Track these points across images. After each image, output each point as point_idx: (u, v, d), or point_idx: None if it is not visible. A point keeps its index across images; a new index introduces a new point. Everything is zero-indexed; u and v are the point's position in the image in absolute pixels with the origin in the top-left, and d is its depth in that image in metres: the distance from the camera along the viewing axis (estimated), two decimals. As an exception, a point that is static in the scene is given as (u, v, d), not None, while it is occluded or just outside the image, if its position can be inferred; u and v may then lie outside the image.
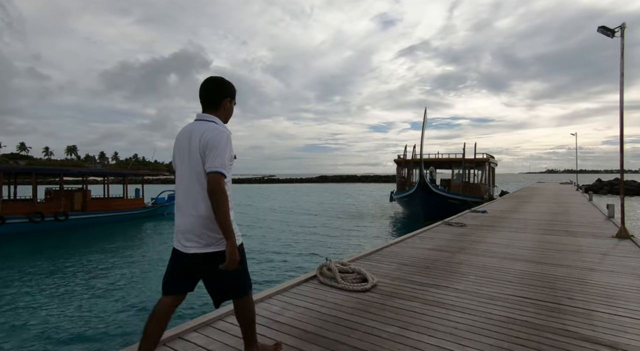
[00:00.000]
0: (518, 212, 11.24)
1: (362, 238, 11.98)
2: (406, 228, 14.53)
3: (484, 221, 9.01)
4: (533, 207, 13.01)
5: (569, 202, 14.93)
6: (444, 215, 12.01)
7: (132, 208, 20.18)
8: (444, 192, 15.78)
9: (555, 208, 12.49)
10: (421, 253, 5.48)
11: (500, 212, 11.01)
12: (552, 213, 10.63)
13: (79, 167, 48.63)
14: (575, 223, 8.55)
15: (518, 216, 10.07)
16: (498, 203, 14.78)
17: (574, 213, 10.86)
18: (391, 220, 17.56)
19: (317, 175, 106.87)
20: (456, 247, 5.91)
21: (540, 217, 9.90)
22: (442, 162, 20.40)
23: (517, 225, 8.27)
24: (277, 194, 41.54)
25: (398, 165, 21.68)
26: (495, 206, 13.34)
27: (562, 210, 11.59)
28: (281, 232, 13.89)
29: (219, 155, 1.87)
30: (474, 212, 10.96)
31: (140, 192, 21.66)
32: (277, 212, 22.03)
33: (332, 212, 21.53)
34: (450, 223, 8.41)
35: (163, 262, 9.11)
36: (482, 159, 19.49)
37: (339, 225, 15.40)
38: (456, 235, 7.00)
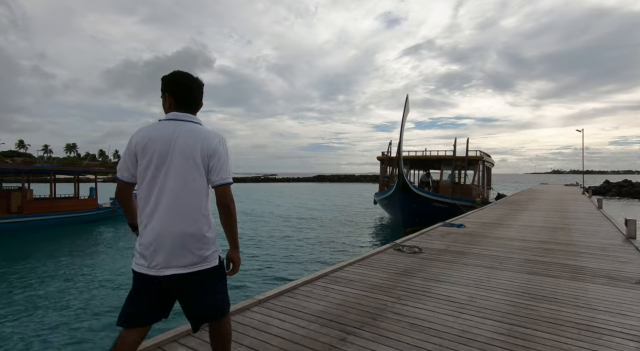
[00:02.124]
0: (505, 225, 8.65)
1: (307, 263, 9.17)
2: (385, 239, 11.99)
3: (452, 243, 6.46)
4: (527, 217, 10.41)
5: (573, 211, 12.30)
6: (428, 222, 9.81)
7: (82, 210, 17.91)
8: (428, 194, 13.32)
9: (555, 220, 9.87)
10: (300, 321, 2.92)
11: (481, 226, 8.44)
12: (550, 230, 8.04)
13: (72, 165, 46.32)
14: (580, 249, 5.97)
15: (503, 234, 7.49)
16: (486, 211, 12.19)
17: (579, 229, 8.25)
18: (369, 229, 14.99)
19: (315, 175, 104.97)
20: (377, 306, 3.36)
21: (533, 235, 7.31)
22: (431, 160, 17.98)
23: (495, 252, 5.71)
24: (261, 195, 39.10)
25: (382, 163, 19.21)
26: (481, 215, 10.76)
27: (563, 224, 8.98)
28: (225, 248, 11.27)
29: (228, 165, 1.76)
30: (448, 225, 8.40)
31: (94, 192, 19.38)
32: (249, 215, 19.57)
33: (306, 218, 19.00)
34: (401, 246, 5.87)
35: (95, 278, 7.72)
36: (474, 157, 17.06)
37: (300, 237, 12.77)
38: (396, 272, 4.46)
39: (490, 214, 11.10)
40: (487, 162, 19.35)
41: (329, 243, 11.58)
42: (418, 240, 6.62)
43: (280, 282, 6.98)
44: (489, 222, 9.33)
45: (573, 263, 4.99)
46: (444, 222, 8.74)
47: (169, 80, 1.84)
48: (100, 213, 18.84)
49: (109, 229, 15.78)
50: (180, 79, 1.85)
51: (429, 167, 19.65)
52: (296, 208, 24.18)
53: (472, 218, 9.97)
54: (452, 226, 8.31)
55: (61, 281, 7.42)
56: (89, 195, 19.44)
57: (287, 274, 7.86)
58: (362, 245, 11.08)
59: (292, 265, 8.66)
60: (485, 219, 9.85)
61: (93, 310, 5.79)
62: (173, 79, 1.85)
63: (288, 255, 9.78)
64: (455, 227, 8.23)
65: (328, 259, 9.27)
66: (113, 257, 9.95)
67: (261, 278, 7.54)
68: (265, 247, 10.91)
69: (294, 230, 14.20)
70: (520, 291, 3.75)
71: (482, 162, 18.01)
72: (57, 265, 8.85)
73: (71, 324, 5.32)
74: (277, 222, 16.75)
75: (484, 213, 11.29)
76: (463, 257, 5.33)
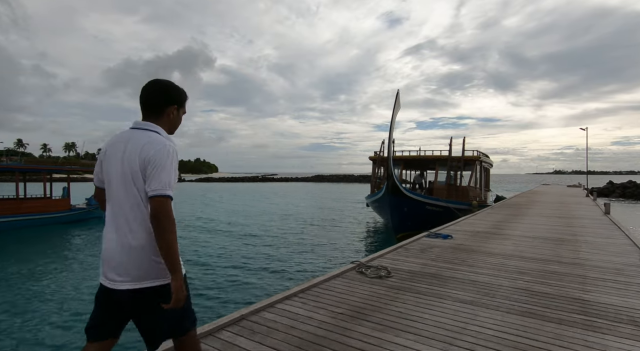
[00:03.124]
0: (500, 236, 7.45)
1: (240, 292, 7.18)
2: (367, 249, 10.80)
3: (432, 262, 5.27)
4: (527, 225, 9.20)
5: (578, 216, 11.08)
6: (421, 227, 9.01)
7: (52, 211, 16.81)
8: (421, 197, 12.26)
9: (559, 228, 8.66)
10: None
11: (472, 237, 7.24)
12: (553, 243, 6.83)
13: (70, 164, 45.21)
14: (590, 272, 4.76)
15: (496, 248, 6.29)
16: (481, 216, 10.98)
17: (587, 241, 7.05)
18: (352, 237, 13.79)
19: (314, 175, 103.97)
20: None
21: (532, 250, 6.11)
22: (426, 160, 16.82)
23: (484, 276, 4.51)
24: (249, 195, 37.91)
25: (374, 163, 18.08)
26: (474, 222, 9.56)
27: (568, 235, 7.77)
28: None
29: (165, 175, 1.59)
30: (432, 236, 7.21)
31: (67, 192, 18.27)
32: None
33: (283, 226, 17.83)
34: (365, 268, 4.69)
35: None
36: (471, 157, 15.88)
37: (271, 254, 11.35)
38: (345, 311, 3.25)
39: (485, 221, 9.90)
40: (485, 162, 18.22)
41: (287, 260, 9.45)
42: (390, 258, 5.43)
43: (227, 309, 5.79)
44: (482, 230, 8.13)
45: (583, 295, 3.79)
46: (429, 232, 7.53)
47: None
48: (74, 215, 17.74)
49: (82, 232, 14.69)
50: (144, 86, 1.79)
51: (424, 167, 18.68)
52: (275, 211, 22.97)
53: (463, 226, 8.77)
54: (437, 236, 7.11)
55: (18, 288, 6.79)
56: (62, 195, 18.36)
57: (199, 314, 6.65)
58: (330, 261, 9.82)
59: (210, 300, 6.56)
60: (479, 227, 8.65)
61: (57, 320, 5.37)
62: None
63: (223, 279, 7.72)
64: (440, 238, 7.03)
65: (274, 285, 7.35)
66: (81, 262, 9.19)
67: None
68: (199, 264, 9.09)
69: (248, 242, 12.15)
70: (511, 347, 2.56)
71: (480, 163, 16.87)
72: (17, 269, 7.96)
73: (35, 334, 5.01)
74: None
75: (477, 220, 10.09)
76: (441, 285, 4.13)
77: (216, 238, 12.91)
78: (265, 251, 10.63)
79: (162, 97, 1.76)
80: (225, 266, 8.80)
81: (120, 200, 1.65)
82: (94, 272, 8.28)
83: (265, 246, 11.38)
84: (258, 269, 8.55)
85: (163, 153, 1.61)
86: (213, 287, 7.19)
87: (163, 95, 1.76)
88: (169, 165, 1.61)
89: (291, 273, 8.22)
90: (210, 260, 9.54)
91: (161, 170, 1.59)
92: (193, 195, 37.13)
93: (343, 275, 4.53)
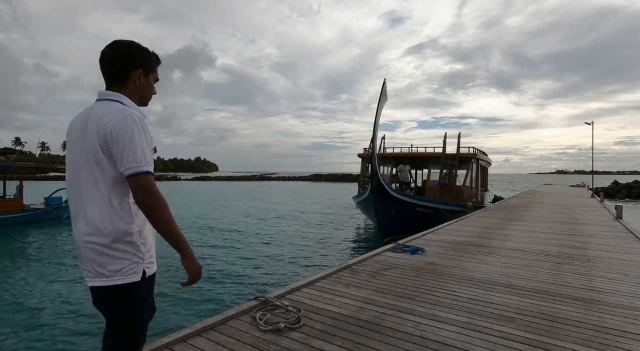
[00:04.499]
0: (485, 251, 5.78)
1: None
2: (342, 256, 9.17)
3: (379, 294, 3.60)
4: (523, 233, 7.53)
5: (585, 222, 9.40)
6: (411, 230, 8.16)
7: (2, 212, 15.28)
8: (409, 198, 10.96)
9: (561, 238, 6.98)
10: None
11: (449, 252, 5.58)
12: (554, 261, 5.16)
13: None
14: (610, 316, 3.09)
15: (475, 272, 4.63)
16: (469, 221, 9.31)
17: (601, 259, 5.37)
18: (339, 246, 12.14)
19: (312, 174, 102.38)
20: None
21: (527, 273, 4.45)
22: (419, 158, 15.46)
23: (447, 330, 2.84)
24: (233, 194, 36.29)
25: (363, 160, 16.61)
26: (459, 229, 7.91)
27: (573, 248, 6.10)
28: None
29: (135, 148, 1.35)
30: (399, 249, 5.56)
31: (20, 191, 16.69)
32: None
33: (259, 230, 16.21)
34: (274, 306, 3.06)
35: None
36: (467, 155, 14.54)
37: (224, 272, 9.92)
38: None
39: (473, 226, 8.24)
40: (482, 160, 16.78)
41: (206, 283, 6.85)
42: (320, 288, 3.77)
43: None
44: (466, 241, 6.47)
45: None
46: (396, 244, 5.88)
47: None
48: (27, 216, 16.17)
49: (36, 234, 13.10)
50: (103, 50, 1.53)
51: (417, 165, 17.43)
52: (248, 213, 21.33)
53: (444, 234, 7.12)
54: (404, 251, 5.46)
55: None
56: (15, 194, 16.79)
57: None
58: (273, 282, 8.18)
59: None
60: (463, 235, 6.99)
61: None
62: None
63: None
64: (408, 252, 5.38)
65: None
66: (20, 268, 8.20)
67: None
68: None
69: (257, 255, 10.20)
70: None
71: (476, 161, 15.44)
72: None
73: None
74: (253, 234, 13.89)
75: (464, 225, 8.43)
76: (371, 348, 2.49)
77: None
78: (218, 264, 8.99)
79: (124, 60, 1.50)
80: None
81: (79, 186, 1.43)
82: (36, 280, 7.26)
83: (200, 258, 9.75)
84: (174, 297, 6.23)
85: (125, 124, 1.35)
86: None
87: (125, 58, 1.50)
88: (137, 137, 1.35)
89: (197, 304, 6.26)
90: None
91: (129, 144, 1.34)
92: (169, 195, 35.56)
93: (239, 317, 2.91)
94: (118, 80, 1.51)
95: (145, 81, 1.57)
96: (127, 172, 1.34)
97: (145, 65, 1.56)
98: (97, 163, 1.38)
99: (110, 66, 1.51)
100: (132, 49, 1.52)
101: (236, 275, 7.70)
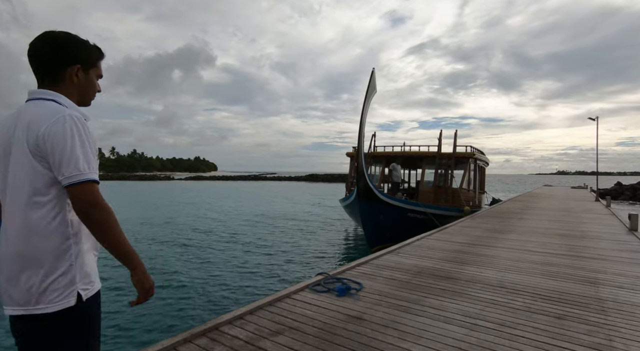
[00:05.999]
0: (451, 290, 4.00)
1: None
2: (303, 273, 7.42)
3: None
4: (509, 253, 5.75)
5: (591, 233, 7.61)
6: (402, 238, 7.05)
7: None
8: (401, 202, 9.87)
9: (562, 262, 5.20)
10: None
11: (391, 292, 3.79)
12: (551, 310, 3.37)
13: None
14: None
15: (423, 335, 2.85)
16: (448, 233, 7.52)
17: (618, 303, 3.58)
18: (308, 256, 10.38)
19: (308, 174, 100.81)
20: None
21: (507, 347, 2.68)
22: (413, 157, 13.97)
23: None
24: (215, 195, 34.54)
25: (351, 159, 15.05)
26: (429, 246, 6.13)
27: (580, 282, 4.32)
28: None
29: (75, 153, 1.17)
30: (323, 287, 3.79)
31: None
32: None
33: (232, 237, 14.48)
34: None
35: None
36: (464, 154, 13.09)
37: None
38: None
39: (449, 242, 6.46)
40: (480, 160, 15.23)
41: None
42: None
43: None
44: (432, 267, 4.70)
45: None
46: (324, 275, 4.10)
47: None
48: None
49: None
50: (31, 41, 1.31)
51: (409, 165, 16.21)
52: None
53: (405, 256, 5.34)
54: (329, 290, 3.69)
55: None
56: None
57: None
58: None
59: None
60: (432, 256, 5.23)
61: None
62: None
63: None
64: (335, 294, 3.60)
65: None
66: None
67: None
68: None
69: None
70: None
71: (474, 161, 13.93)
72: None
73: None
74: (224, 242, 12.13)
75: (440, 240, 6.65)
76: None
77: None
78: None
79: (58, 53, 1.30)
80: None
81: (9, 194, 1.25)
82: None
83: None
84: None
85: (61, 126, 1.18)
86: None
87: (59, 52, 1.30)
88: (77, 140, 1.19)
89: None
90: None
91: (67, 149, 1.17)
92: (138, 195, 33.82)
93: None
94: (51, 77, 1.32)
95: (84, 77, 1.38)
96: (66, 181, 1.18)
97: (84, 60, 1.36)
98: (26, 173, 1.21)
99: (41, 61, 1.31)
100: (66, 40, 1.33)
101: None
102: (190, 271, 8.05)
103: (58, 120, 1.18)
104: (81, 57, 1.35)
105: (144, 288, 1.30)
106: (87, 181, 1.18)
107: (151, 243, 11.40)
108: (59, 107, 1.23)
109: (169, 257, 9.41)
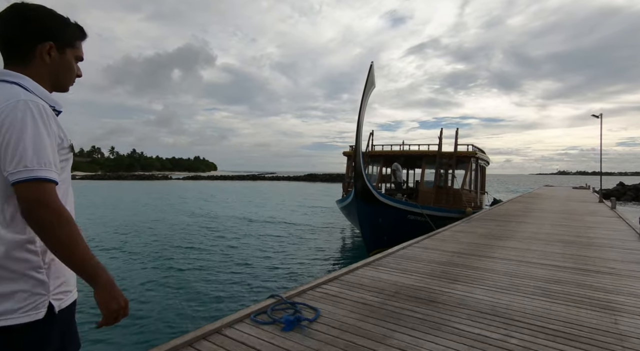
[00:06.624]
0: (433, 315, 3.23)
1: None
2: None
3: None
4: (505, 267, 4.97)
5: (598, 242, 6.83)
6: (401, 241, 6.51)
7: None
8: (400, 203, 9.44)
9: (567, 276, 4.43)
10: None
11: (353, 324, 3.01)
12: (561, 337, 2.58)
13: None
14: None
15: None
16: (438, 239, 6.75)
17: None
18: (293, 264, 9.61)
19: (306, 174, 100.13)
20: None
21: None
22: (411, 156, 13.38)
23: None
24: (199, 196, 33.79)
25: (348, 159, 14.37)
26: (415, 257, 5.36)
27: (590, 309, 3.53)
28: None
29: (28, 146, 1.00)
30: (269, 318, 3.01)
31: None
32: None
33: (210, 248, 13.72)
34: None
35: None
36: (466, 153, 12.52)
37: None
38: None
39: (438, 251, 5.68)
40: (482, 159, 14.67)
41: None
42: None
43: None
44: (412, 285, 3.92)
45: None
46: (276, 298, 3.33)
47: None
48: None
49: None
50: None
51: (409, 165, 15.72)
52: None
53: (385, 270, 4.56)
54: (275, 321, 2.92)
55: None
56: None
57: None
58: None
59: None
60: (416, 271, 4.45)
61: None
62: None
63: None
64: (280, 326, 2.82)
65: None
66: None
67: None
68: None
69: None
70: None
71: (475, 160, 13.36)
72: None
73: None
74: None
75: (428, 248, 5.87)
76: None
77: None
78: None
79: (25, 28, 1.11)
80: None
81: None
82: None
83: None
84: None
85: (14, 112, 1.01)
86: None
87: (25, 25, 1.11)
88: (29, 129, 1.00)
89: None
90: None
91: (13, 140, 0.99)
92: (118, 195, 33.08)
93: None
94: (17, 54, 1.13)
95: (59, 58, 1.18)
96: (13, 178, 1.00)
97: (59, 37, 1.17)
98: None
99: (6, 36, 1.12)
100: (37, 12, 1.13)
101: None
102: (146, 289, 7.27)
103: (8, 107, 1.02)
104: (55, 34, 1.16)
105: (109, 309, 1.09)
106: (37, 179, 1.00)
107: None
108: (15, 92, 1.05)
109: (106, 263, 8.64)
